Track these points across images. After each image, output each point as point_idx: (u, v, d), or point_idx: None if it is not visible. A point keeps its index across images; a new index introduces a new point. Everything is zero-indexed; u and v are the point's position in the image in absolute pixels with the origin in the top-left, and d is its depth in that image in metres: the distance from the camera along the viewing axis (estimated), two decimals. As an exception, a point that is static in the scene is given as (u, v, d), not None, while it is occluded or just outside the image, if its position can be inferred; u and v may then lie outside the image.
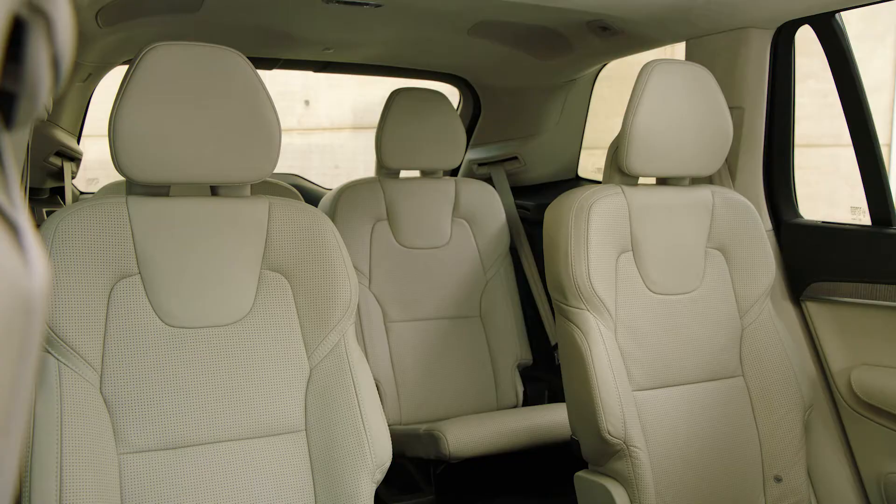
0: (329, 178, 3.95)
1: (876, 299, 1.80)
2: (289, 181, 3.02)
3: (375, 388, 1.46)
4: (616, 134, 1.80)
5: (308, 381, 1.43)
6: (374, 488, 1.40)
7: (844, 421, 1.90)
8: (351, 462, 1.38)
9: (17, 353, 0.32)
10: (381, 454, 1.40)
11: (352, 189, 2.47)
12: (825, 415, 1.91)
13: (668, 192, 1.83)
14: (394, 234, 2.51)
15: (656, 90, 1.74)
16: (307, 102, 5.97)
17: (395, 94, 2.52)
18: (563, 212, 1.72)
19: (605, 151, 1.88)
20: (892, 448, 1.79)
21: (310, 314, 1.45)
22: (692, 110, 1.77)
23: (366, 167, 5.88)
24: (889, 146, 6.74)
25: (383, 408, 1.78)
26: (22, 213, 0.35)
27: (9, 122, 0.37)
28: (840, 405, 1.90)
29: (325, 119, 6.17)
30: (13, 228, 0.34)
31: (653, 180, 1.90)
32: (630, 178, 1.82)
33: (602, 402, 1.61)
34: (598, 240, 1.70)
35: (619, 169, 1.81)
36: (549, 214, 1.76)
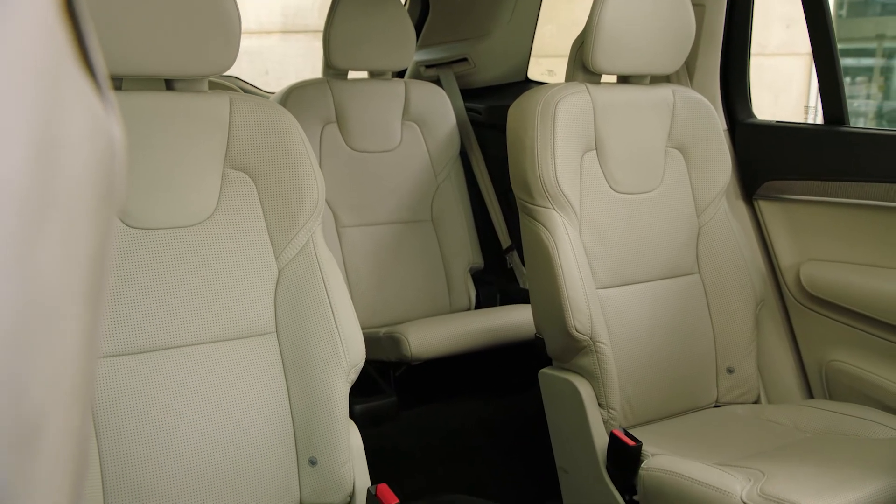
0: (259, 84, 3.80)
1: (827, 196, 1.86)
2: (230, 84, 2.89)
3: (346, 289, 1.43)
4: (546, 42, 1.76)
5: (277, 283, 1.40)
6: (349, 388, 1.39)
7: (791, 314, 1.98)
8: (325, 363, 1.36)
9: (107, 201, 0.29)
10: (354, 354, 1.39)
11: (299, 90, 2.38)
12: (773, 309, 1.98)
13: (630, 91, 1.82)
14: (343, 137, 2.44)
15: (623, -16, 1.70)
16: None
17: (343, -10, 2.41)
18: (529, 109, 1.69)
19: (538, 59, 1.85)
20: (834, 337, 1.88)
21: (276, 214, 1.40)
22: (657, 6, 1.74)
23: (297, 72, 5.68)
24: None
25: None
26: (98, 59, 0.31)
27: None
28: (787, 299, 1.98)
29: (254, 22, 5.91)
30: (92, 73, 0.30)
31: (613, 79, 1.88)
32: (593, 76, 1.80)
33: (569, 299, 1.62)
34: (564, 138, 1.69)
35: (582, 66, 1.78)
36: (514, 112, 1.73)
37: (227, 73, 3.06)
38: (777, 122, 1.99)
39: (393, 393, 2.01)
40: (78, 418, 0.27)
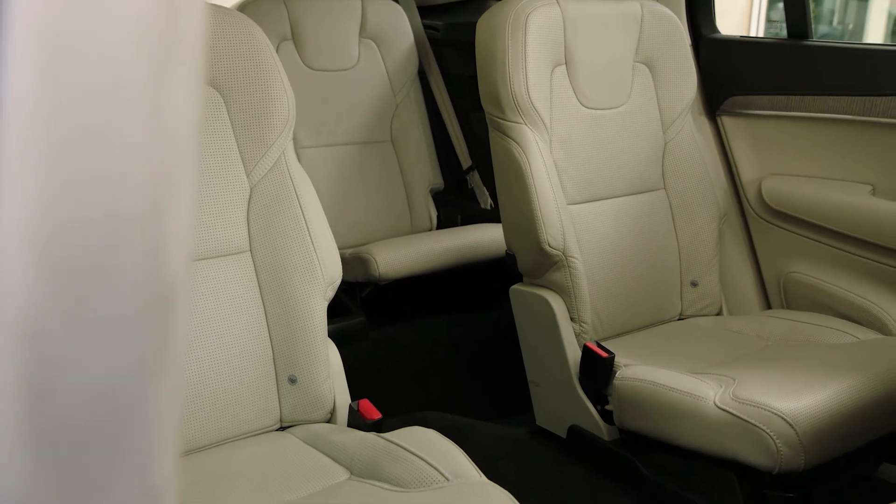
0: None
1: (790, 111, 1.88)
2: None
3: (320, 205, 1.41)
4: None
5: (249, 201, 1.36)
6: (326, 305, 1.38)
7: (751, 228, 2.02)
8: (302, 280, 1.34)
9: (205, 67, 0.27)
10: (331, 270, 1.37)
11: (254, 6, 2.29)
12: (734, 223, 2.02)
13: (599, 4, 1.79)
14: (300, 55, 2.37)
15: None
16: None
17: None
18: (499, 22, 1.66)
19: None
20: (793, 250, 1.93)
21: (246, 130, 1.36)
22: (628, -86, 1.71)
23: (238, -8, 5.46)
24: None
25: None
26: None
27: None
28: (748, 213, 2.02)
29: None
30: None
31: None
32: (562, -12, 1.76)
33: (542, 215, 1.63)
34: (535, 51, 1.66)
35: (552, -22, 1.74)
36: (483, 25, 1.70)
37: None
38: (741, 37, 2.00)
39: (362, 313, 2.01)
40: (190, 286, 0.25)
